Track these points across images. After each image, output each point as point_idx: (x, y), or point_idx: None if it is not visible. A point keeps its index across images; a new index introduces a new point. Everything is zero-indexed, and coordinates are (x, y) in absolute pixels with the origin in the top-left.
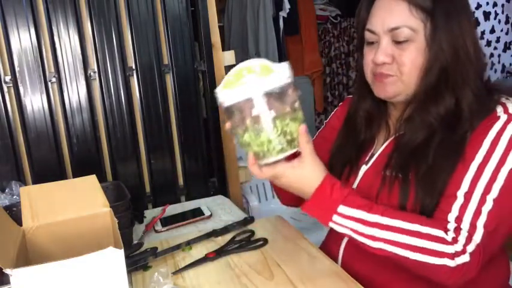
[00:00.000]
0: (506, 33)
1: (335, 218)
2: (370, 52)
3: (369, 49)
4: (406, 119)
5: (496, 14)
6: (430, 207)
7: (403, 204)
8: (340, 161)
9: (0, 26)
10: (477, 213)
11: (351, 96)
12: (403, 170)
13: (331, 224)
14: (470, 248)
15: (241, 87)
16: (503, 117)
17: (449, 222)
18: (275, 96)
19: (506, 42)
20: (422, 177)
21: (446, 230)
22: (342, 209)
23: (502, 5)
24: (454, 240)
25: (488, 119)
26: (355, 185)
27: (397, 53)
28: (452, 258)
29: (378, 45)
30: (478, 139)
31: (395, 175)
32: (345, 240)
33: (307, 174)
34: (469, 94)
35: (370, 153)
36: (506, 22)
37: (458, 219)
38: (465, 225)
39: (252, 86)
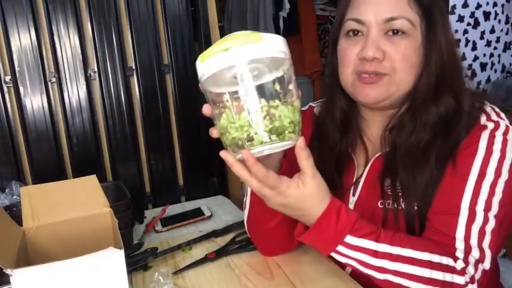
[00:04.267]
0: (506, 33)
1: (340, 248)
2: (354, 46)
3: (350, 43)
4: (396, 128)
5: (496, 14)
6: (423, 217)
7: (412, 230)
8: None
9: (0, 26)
10: (482, 233)
11: (307, 107)
12: (407, 198)
13: (333, 255)
14: (478, 275)
15: (220, 54)
16: (490, 126)
17: (457, 248)
18: (263, 68)
19: (506, 42)
20: (423, 191)
21: (455, 258)
22: (349, 238)
23: (502, 5)
24: (463, 271)
25: (476, 128)
26: None
27: (389, 48)
28: None
29: (365, 38)
30: (468, 149)
31: (397, 206)
32: None
33: (312, 194)
34: (468, 96)
35: (353, 180)
36: (506, 22)
37: (466, 243)
38: (475, 252)
39: (234, 52)
